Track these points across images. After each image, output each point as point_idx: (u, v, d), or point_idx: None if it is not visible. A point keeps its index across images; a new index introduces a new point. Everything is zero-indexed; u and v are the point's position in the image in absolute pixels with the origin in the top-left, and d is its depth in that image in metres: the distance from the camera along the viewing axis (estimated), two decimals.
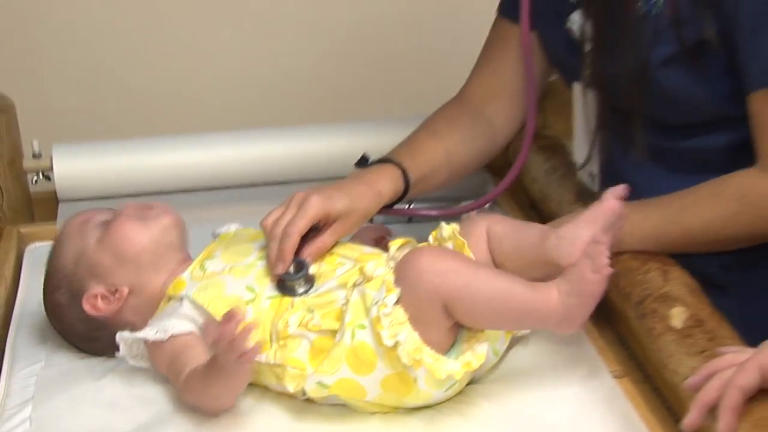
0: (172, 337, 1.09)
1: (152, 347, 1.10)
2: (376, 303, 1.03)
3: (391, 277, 1.05)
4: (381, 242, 1.21)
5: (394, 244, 1.15)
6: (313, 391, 1.06)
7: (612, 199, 1.10)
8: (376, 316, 1.02)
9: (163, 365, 1.10)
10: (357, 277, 1.08)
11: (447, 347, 1.06)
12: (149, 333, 1.10)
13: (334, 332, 1.06)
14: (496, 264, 1.13)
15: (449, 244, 1.13)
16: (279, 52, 1.80)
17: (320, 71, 1.81)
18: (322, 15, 1.78)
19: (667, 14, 1.15)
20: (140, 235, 1.16)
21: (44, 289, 1.20)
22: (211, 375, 1.03)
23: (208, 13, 1.77)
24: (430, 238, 1.16)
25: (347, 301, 1.06)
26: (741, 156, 1.16)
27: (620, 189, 1.11)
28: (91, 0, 1.73)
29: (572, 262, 1.06)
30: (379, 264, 1.09)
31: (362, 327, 1.04)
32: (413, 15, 1.79)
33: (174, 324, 1.10)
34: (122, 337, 1.12)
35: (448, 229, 1.14)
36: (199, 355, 1.07)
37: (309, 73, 1.81)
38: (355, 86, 1.82)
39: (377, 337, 1.02)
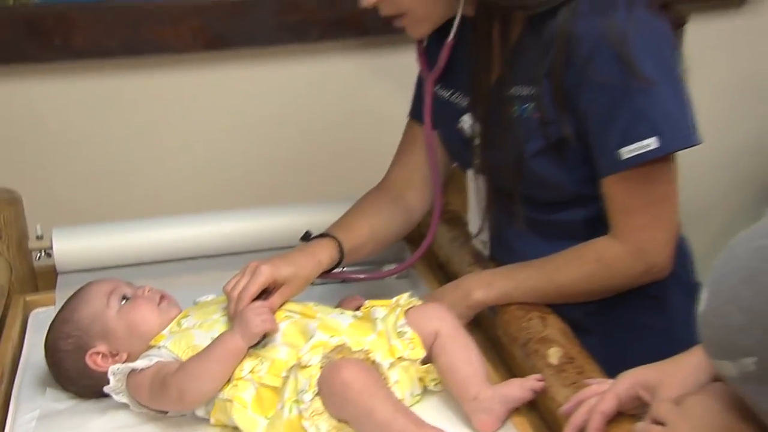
0: (157, 363, 1.08)
1: (136, 376, 1.08)
2: (301, 392, 1.02)
3: (317, 373, 1.03)
4: (359, 308, 1.20)
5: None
6: None
7: (531, 391, 1.06)
8: (300, 408, 1.01)
9: (144, 384, 1.07)
10: (295, 360, 1.05)
11: None
12: (138, 363, 1.08)
13: (274, 388, 1.04)
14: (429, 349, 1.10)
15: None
16: (240, 152, 1.81)
17: (274, 165, 1.82)
18: (275, 123, 1.79)
19: (536, 117, 1.16)
20: (154, 319, 1.14)
21: (51, 333, 1.16)
22: (215, 350, 1.05)
23: (180, 121, 1.77)
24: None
25: (288, 376, 1.04)
26: (597, 226, 1.18)
27: (539, 385, 1.06)
28: (84, 110, 1.72)
29: (480, 429, 1.03)
30: (315, 351, 1.05)
31: (297, 403, 1.02)
32: (347, 122, 1.81)
33: (158, 357, 1.09)
34: (113, 370, 1.09)
35: (411, 302, 1.14)
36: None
37: (264, 167, 1.81)
38: (300, 176, 1.82)
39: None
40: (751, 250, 0.68)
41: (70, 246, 1.47)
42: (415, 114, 1.38)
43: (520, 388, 1.06)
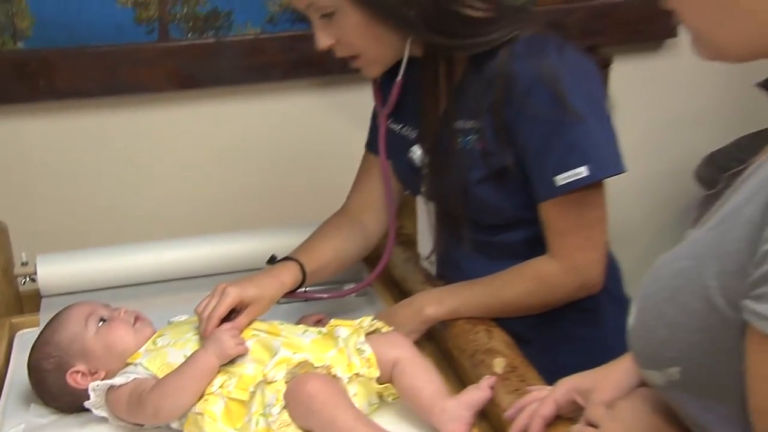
0: (134, 380, 1.05)
1: (114, 392, 1.05)
2: (269, 405, 1.00)
3: (283, 387, 1.01)
4: (320, 323, 1.18)
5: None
6: None
7: (488, 388, 1.04)
8: (268, 420, 0.99)
9: (122, 400, 1.05)
10: (261, 378, 1.03)
11: None
12: (116, 380, 1.06)
13: (242, 402, 1.02)
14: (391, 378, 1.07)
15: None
16: (212, 183, 1.79)
17: (242, 193, 1.80)
18: (243, 155, 1.78)
19: (479, 148, 1.16)
20: (129, 339, 1.11)
21: (33, 353, 1.13)
22: (189, 369, 1.02)
23: (155, 155, 1.75)
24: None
25: (255, 391, 1.02)
26: (536, 246, 1.17)
27: (492, 380, 1.05)
28: (67, 146, 1.70)
29: None
30: (279, 368, 1.03)
31: (264, 416, 1.00)
32: (309, 153, 1.80)
33: (134, 374, 1.06)
34: (93, 386, 1.06)
35: (374, 325, 1.13)
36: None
37: (233, 195, 1.80)
38: (266, 204, 1.81)
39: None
40: (673, 271, 0.68)
41: (53, 271, 1.43)
42: (371, 146, 1.37)
43: (479, 390, 1.04)
